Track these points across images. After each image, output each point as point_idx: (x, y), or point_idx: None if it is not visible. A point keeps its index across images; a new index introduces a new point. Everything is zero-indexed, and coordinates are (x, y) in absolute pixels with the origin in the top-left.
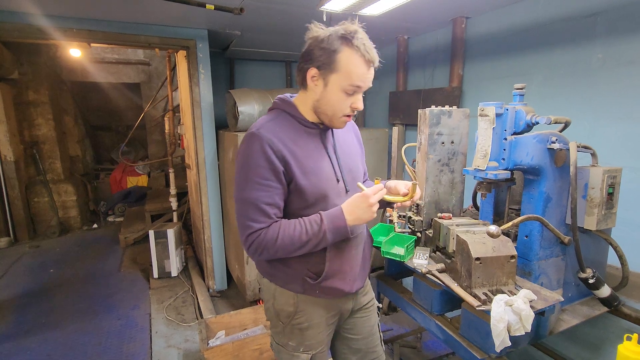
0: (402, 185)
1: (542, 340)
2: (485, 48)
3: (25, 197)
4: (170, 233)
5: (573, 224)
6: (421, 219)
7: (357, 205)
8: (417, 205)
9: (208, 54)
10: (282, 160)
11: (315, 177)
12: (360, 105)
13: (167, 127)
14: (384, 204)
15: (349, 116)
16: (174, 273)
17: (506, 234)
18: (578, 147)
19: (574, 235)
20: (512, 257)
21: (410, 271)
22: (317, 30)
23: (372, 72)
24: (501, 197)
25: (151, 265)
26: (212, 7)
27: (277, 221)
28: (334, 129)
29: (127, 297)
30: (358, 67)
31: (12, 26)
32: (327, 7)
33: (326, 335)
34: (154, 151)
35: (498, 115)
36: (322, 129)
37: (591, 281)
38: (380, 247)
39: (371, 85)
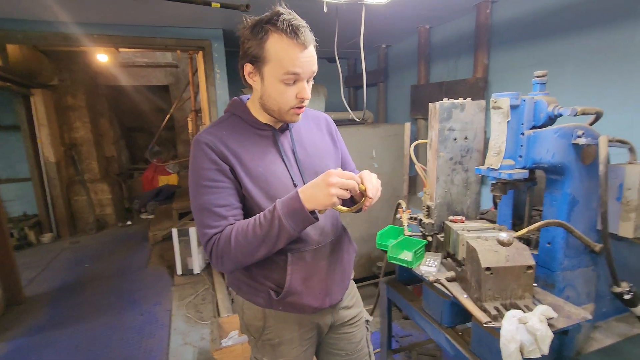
0: (369, 183)
1: None
2: (512, 34)
3: (66, 196)
4: (193, 231)
5: (604, 230)
6: (432, 221)
7: (315, 184)
8: (428, 206)
9: (223, 54)
10: (224, 159)
11: (264, 183)
12: (305, 94)
13: (190, 127)
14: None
15: (299, 108)
16: (197, 270)
17: (526, 240)
18: (611, 141)
19: (605, 243)
20: (529, 267)
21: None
22: (247, 22)
23: (308, 54)
24: (521, 199)
25: (175, 262)
26: (218, 5)
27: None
28: (292, 129)
29: (151, 293)
30: (288, 51)
31: (39, 35)
32: None
33: (302, 351)
34: (183, 151)
35: (513, 108)
36: (277, 130)
37: (627, 297)
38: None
39: (315, 69)
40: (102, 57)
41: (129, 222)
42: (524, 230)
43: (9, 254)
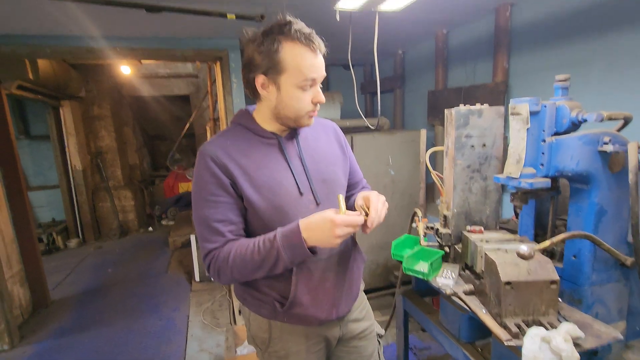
0: (373, 211)
1: None
2: (534, 36)
3: (91, 202)
4: None
5: (635, 243)
6: (449, 231)
7: (319, 227)
8: (445, 216)
9: (240, 63)
10: (226, 173)
11: (268, 191)
12: (321, 98)
13: (208, 135)
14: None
15: (314, 111)
16: None
17: (550, 252)
18: None
19: (637, 256)
20: (553, 282)
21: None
22: (250, 35)
23: (321, 59)
24: (544, 208)
25: (193, 268)
26: (234, 16)
27: (233, 239)
28: (299, 137)
29: (170, 299)
30: (305, 58)
31: (66, 49)
32: (342, 5)
33: None
34: None
35: (533, 114)
36: (283, 138)
37: None
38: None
39: (325, 74)
40: (125, 69)
41: (150, 228)
42: (547, 243)
43: (36, 259)
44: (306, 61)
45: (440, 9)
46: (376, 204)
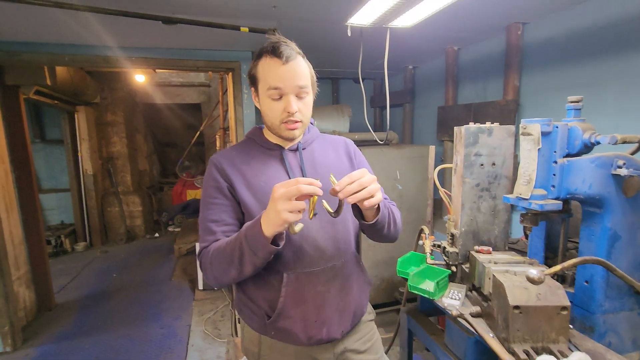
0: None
1: None
2: (546, 55)
3: (100, 207)
4: None
5: None
6: (456, 250)
7: (268, 207)
8: (452, 234)
9: None
10: (224, 177)
11: (264, 196)
12: (290, 108)
13: (217, 144)
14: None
15: (293, 122)
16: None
17: (560, 276)
18: None
19: None
20: (564, 308)
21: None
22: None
23: (289, 68)
24: (555, 230)
25: (197, 277)
26: (247, 29)
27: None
28: (303, 150)
29: (172, 307)
30: (270, 67)
31: (84, 57)
32: (354, 21)
33: None
34: None
35: (545, 134)
36: (286, 149)
37: None
38: (407, 279)
39: (302, 83)
40: (139, 78)
41: (156, 234)
42: (558, 268)
43: (44, 261)
44: (271, 69)
45: (452, 27)
46: (350, 177)
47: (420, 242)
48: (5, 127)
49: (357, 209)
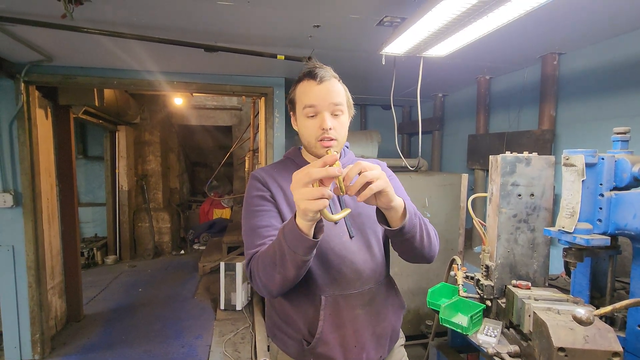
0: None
1: None
2: (584, 86)
3: (131, 222)
4: (239, 266)
5: None
6: (491, 283)
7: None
8: (487, 266)
9: (284, 99)
10: (268, 187)
11: None
12: (324, 124)
13: (247, 165)
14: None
15: (328, 139)
16: (239, 307)
17: (609, 319)
18: None
19: None
20: (616, 354)
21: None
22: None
23: (323, 88)
24: (601, 267)
25: (220, 296)
26: (283, 57)
27: None
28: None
29: (194, 325)
30: (306, 88)
31: (129, 81)
32: (388, 50)
33: None
34: (238, 187)
35: (589, 166)
36: None
37: None
38: (438, 311)
39: (337, 101)
40: (178, 100)
41: (182, 252)
42: (609, 309)
43: (77, 273)
44: (306, 89)
45: (484, 57)
46: (358, 165)
47: (452, 273)
48: (55, 144)
49: (380, 214)
